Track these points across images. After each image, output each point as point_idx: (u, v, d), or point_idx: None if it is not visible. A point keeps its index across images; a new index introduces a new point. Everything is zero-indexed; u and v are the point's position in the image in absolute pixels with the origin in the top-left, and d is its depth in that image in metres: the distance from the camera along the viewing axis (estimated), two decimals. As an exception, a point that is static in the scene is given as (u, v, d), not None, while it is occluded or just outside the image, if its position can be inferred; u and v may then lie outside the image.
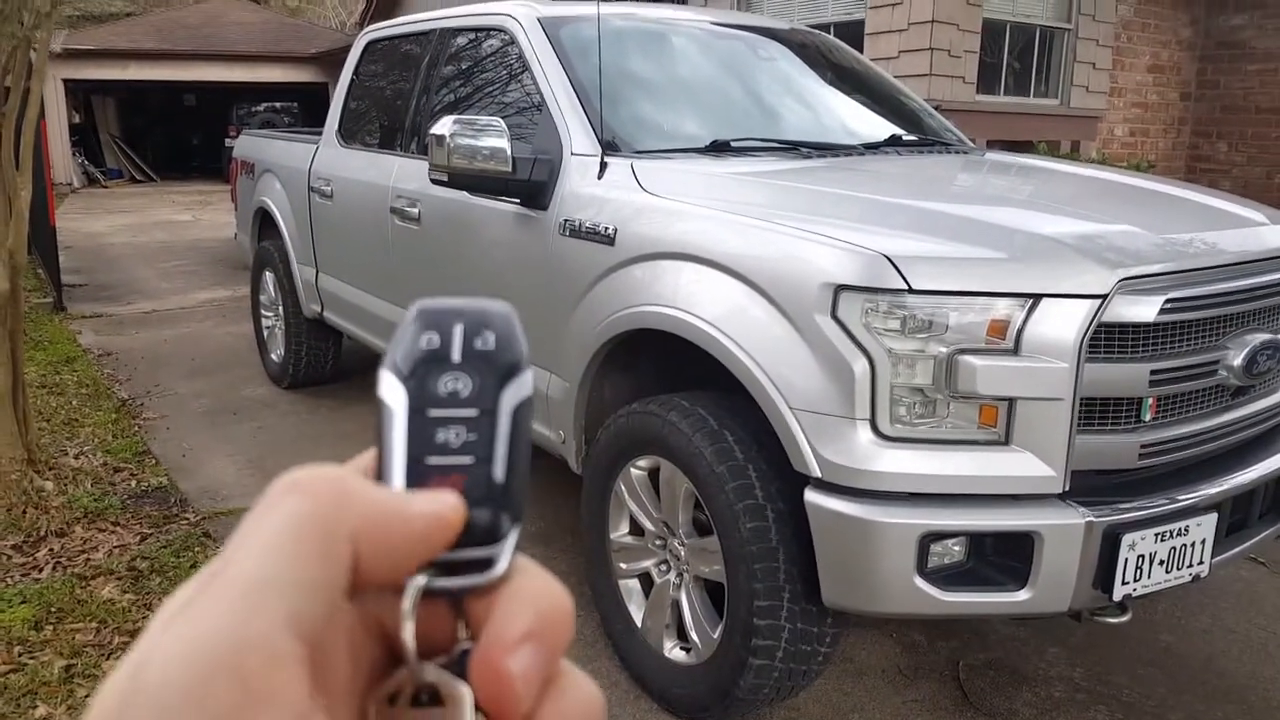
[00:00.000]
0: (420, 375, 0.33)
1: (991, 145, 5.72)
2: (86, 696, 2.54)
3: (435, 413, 0.33)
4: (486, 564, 0.32)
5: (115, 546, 3.39)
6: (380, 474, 0.33)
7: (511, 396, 0.33)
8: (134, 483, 3.99)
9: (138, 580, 3.15)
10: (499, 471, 0.33)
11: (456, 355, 0.34)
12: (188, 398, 5.23)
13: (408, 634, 0.31)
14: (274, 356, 5.45)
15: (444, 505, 0.32)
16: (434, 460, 0.33)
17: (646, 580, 2.65)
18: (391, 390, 0.33)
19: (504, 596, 0.32)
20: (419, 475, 0.33)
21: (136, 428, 4.70)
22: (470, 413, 0.33)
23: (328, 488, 0.30)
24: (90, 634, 2.83)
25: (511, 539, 0.33)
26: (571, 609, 0.33)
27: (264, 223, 5.44)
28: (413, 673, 0.31)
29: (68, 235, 12.04)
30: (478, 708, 0.31)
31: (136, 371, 5.77)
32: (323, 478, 0.31)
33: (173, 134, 23.58)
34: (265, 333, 5.56)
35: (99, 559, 3.29)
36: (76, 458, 4.19)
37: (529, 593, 0.32)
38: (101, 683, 0.28)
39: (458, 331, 0.34)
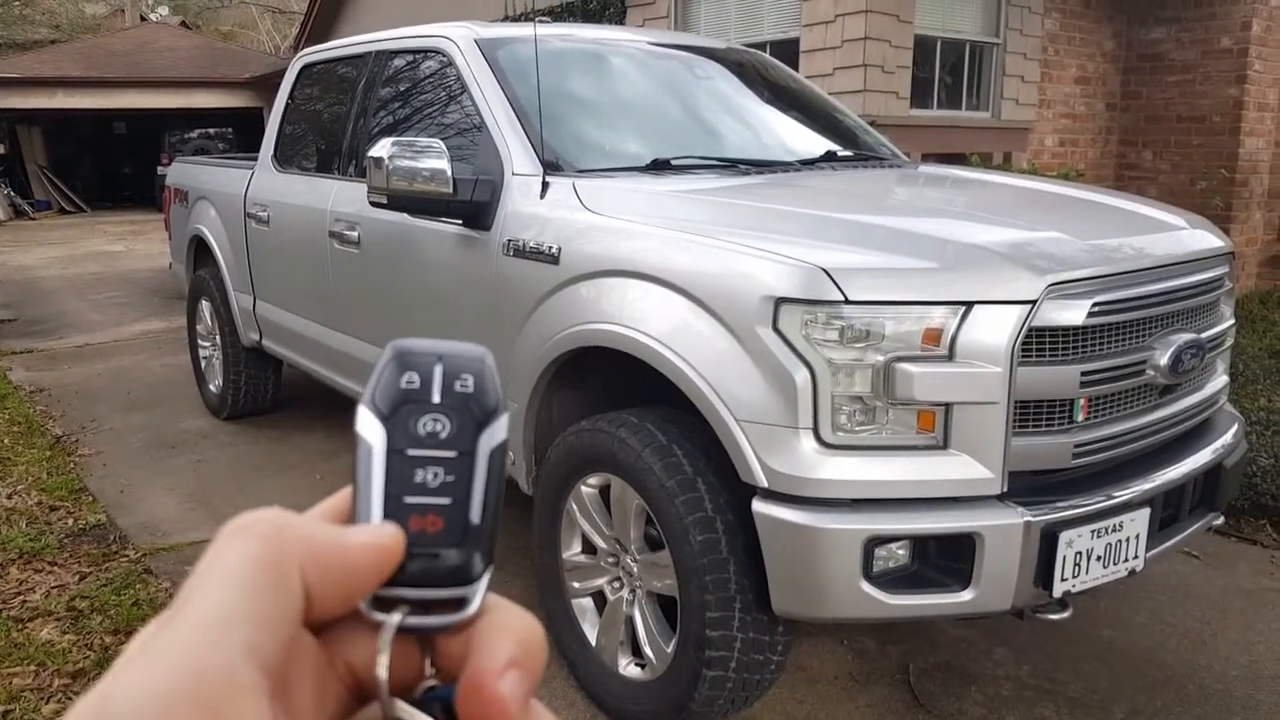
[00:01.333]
0: (401, 415, 0.34)
1: (925, 159, 5.85)
2: (25, 742, 2.46)
3: (414, 452, 0.33)
4: (459, 604, 0.33)
5: (53, 587, 3.30)
6: (356, 511, 0.33)
7: (489, 440, 0.34)
8: (71, 521, 3.88)
9: (78, 620, 3.06)
10: (475, 514, 0.33)
11: (436, 396, 0.34)
12: (124, 432, 5.10)
13: (382, 669, 0.32)
14: (212, 387, 5.35)
15: (383, 535, 0.33)
16: (411, 499, 0.33)
17: (600, 598, 2.65)
18: (370, 428, 0.34)
19: (483, 629, 0.33)
20: (396, 513, 0.33)
21: (72, 465, 4.57)
22: (449, 454, 0.33)
23: (270, 528, 0.32)
24: (29, 678, 2.74)
25: (484, 580, 0.33)
26: (545, 639, 0.34)
27: (199, 251, 5.35)
28: (384, 708, 0.32)
29: (-5, 269, 11.71)
30: None
31: (71, 407, 5.62)
32: (265, 519, 0.32)
33: (103, 163, 23.02)
34: (203, 363, 5.46)
35: (36, 600, 3.20)
36: (10, 497, 4.07)
37: (508, 624, 0.33)
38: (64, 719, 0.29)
39: (437, 373, 0.34)
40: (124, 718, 0.27)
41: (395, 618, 0.32)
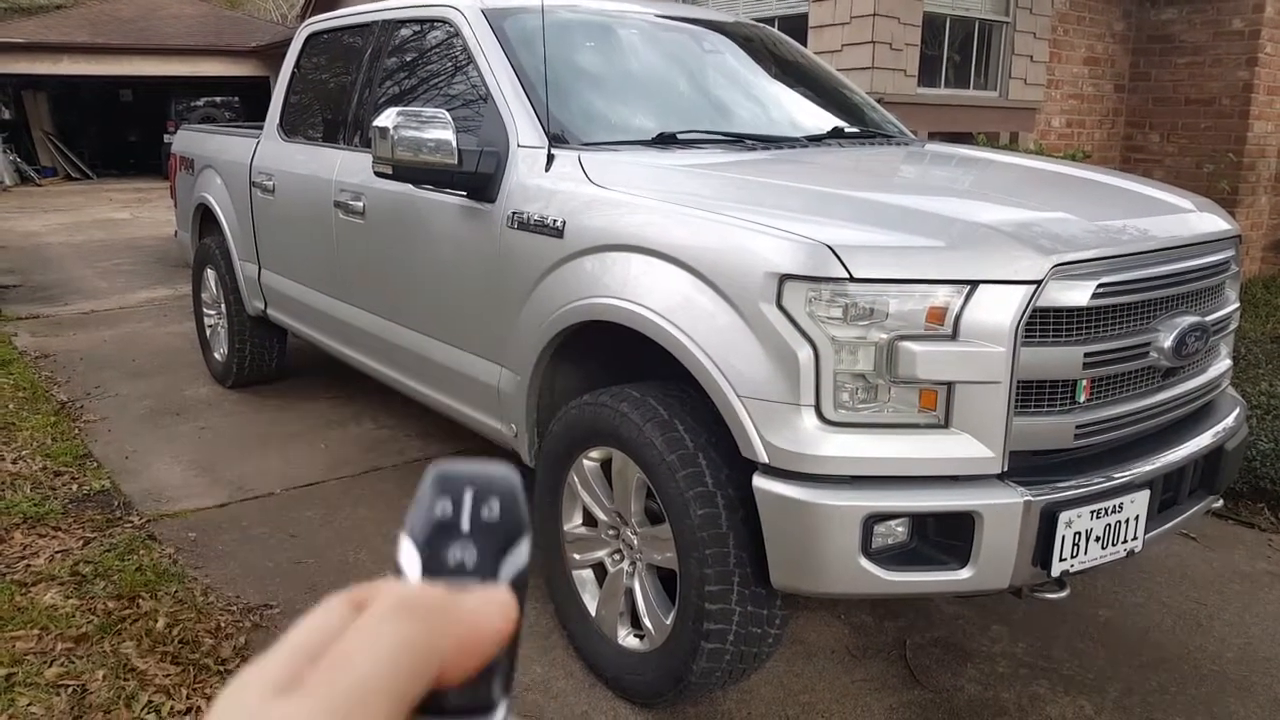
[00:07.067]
0: (433, 544, 0.37)
1: (932, 137, 5.82)
2: (29, 705, 2.49)
3: (443, 580, 0.37)
4: None
5: (57, 552, 3.32)
6: None
7: (510, 567, 0.37)
8: (75, 486, 3.91)
9: (81, 585, 3.09)
10: None
11: (465, 525, 0.37)
12: (129, 399, 5.12)
13: None
14: (217, 355, 5.37)
15: (508, 618, 0.35)
16: None
17: (600, 570, 2.67)
18: (408, 557, 0.37)
19: None
20: None
21: (77, 430, 4.60)
22: (473, 582, 0.36)
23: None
24: (32, 641, 2.77)
25: (502, 709, 0.35)
26: None
27: (205, 219, 5.35)
28: None
29: (1, 235, 11.71)
30: None
31: (76, 373, 5.64)
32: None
33: (109, 130, 22.95)
34: (208, 331, 5.47)
35: (40, 565, 3.22)
36: (14, 462, 4.09)
37: None
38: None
39: (468, 499, 0.37)
40: None
41: None
